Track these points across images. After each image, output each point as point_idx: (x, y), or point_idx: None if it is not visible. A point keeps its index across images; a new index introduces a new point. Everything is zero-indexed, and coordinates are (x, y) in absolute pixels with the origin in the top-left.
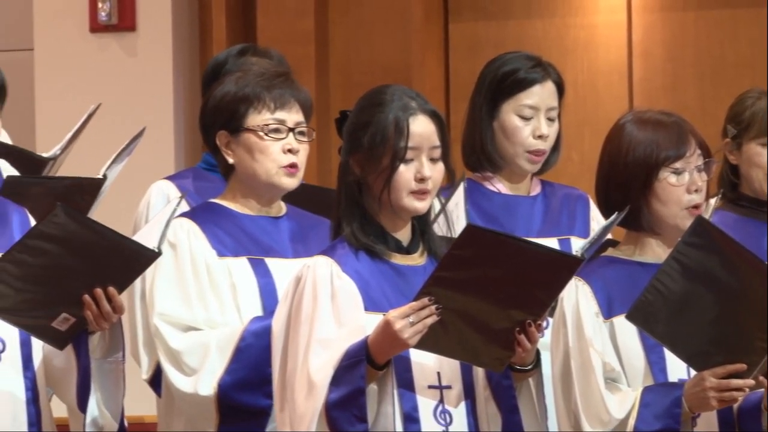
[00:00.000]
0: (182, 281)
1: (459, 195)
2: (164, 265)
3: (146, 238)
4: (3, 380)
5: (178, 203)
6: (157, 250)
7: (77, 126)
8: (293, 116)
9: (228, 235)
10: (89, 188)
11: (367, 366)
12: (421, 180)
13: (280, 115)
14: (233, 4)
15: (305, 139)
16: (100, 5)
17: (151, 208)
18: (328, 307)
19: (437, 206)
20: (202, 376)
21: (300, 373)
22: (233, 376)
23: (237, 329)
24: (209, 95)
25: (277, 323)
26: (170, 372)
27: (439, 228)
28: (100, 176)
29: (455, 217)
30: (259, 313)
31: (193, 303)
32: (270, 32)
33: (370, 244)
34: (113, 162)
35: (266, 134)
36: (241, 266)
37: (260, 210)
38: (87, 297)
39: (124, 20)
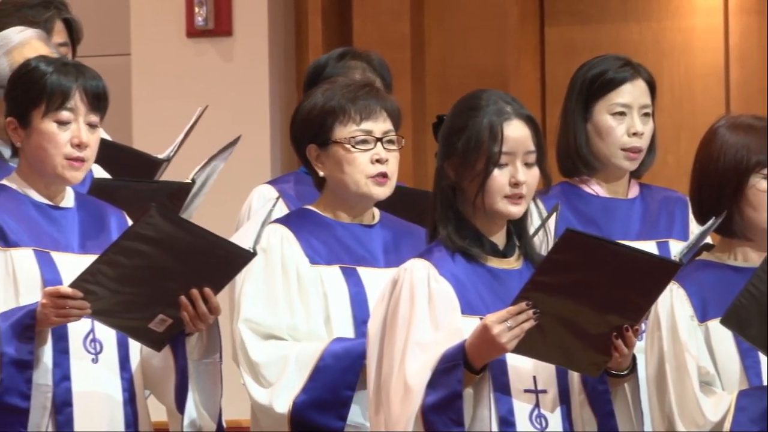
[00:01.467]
0: (271, 287)
1: (551, 224)
2: (254, 270)
3: (242, 238)
4: (100, 381)
5: (274, 204)
6: (252, 251)
7: (187, 127)
8: (380, 125)
9: (321, 243)
10: (177, 192)
11: (464, 370)
12: (516, 185)
13: (366, 125)
14: (329, 8)
15: (394, 147)
16: (196, 10)
17: (252, 213)
18: (425, 311)
19: (533, 210)
20: (278, 391)
21: (396, 376)
22: (309, 395)
23: (318, 348)
24: (297, 108)
25: (373, 326)
26: (248, 382)
27: (537, 236)
28: (188, 180)
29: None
30: (349, 322)
31: (279, 309)
32: (366, 36)
33: (466, 247)
34: (203, 167)
35: (353, 146)
36: (333, 275)
37: (353, 219)
38: (183, 298)
39: (220, 25)
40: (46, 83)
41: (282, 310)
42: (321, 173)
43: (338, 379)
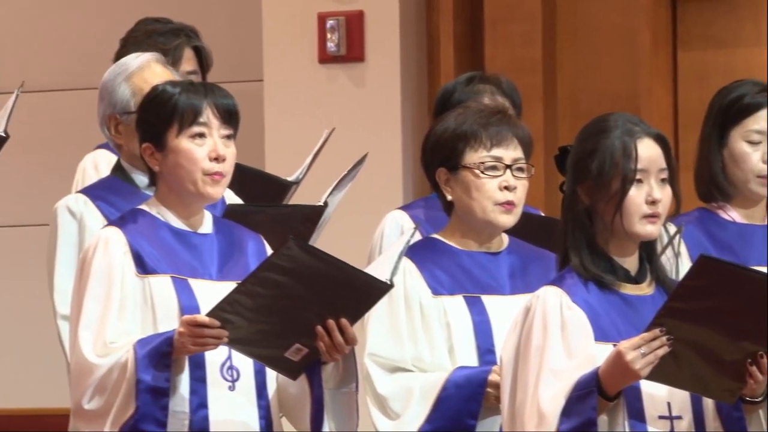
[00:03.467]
0: (395, 320)
1: (677, 244)
2: (379, 304)
3: (378, 269)
4: (236, 409)
5: (412, 235)
6: (389, 282)
7: (315, 150)
8: (510, 153)
9: (445, 272)
10: (310, 215)
11: (598, 397)
12: (652, 203)
13: (496, 152)
14: (461, 34)
15: (524, 175)
16: (328, 36)
17: (385, 239)
18: (558, 338)
19: (663, 235)
20: (404, 423)
21: (530, 403)
22: (433, 426)
23: (441, 377)
24: (429, 132)
25: (506, 354)
26: (375, 415)
27: (667, 260)
28: (320, 203)
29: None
30: (473, 351)
31: (403, 342)
32: (498, 62)
33: (599, 275)
34: (334, 189)
35: (483, 172)
36: (456, 304)
37: (480, 246)
38: (320, 328)
39: (352, 51)
40: (176, 103)
41: (406, 343)
42: (449, 197)
43: (461, 408)
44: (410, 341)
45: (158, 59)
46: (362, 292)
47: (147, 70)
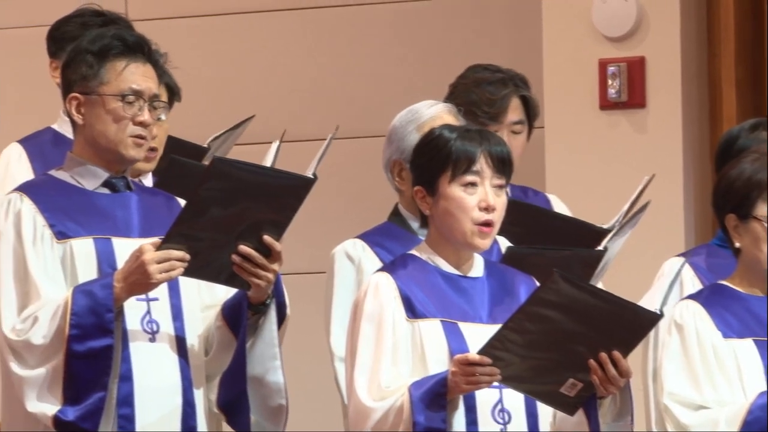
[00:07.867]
0: (690, 362)
1: None
2: (672, 346)
3: (650, 301)
4: None
5: (681, 268)
6: (659, 312)
7: (633, 197)
8: None
9: (734, 317)
10: (589, 260)
11: None
12: None
13: None
14: (743, 79)
15: None
16: (609, 82)
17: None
18: None
19: None
20: None
21: None
22: None
23: (745, 403)
24: (722, 175)
25: None
26: None
27: None
28: (601, 248)
29: None
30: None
31: (701, 384)
32: None
33: None
34: (615, 234)
35: None
36: (747, 349)
37: (762, 291)
38: (592, 362)
39: (633, 97)
40: (451, 149)
41: (705, 387)
42: (737, 244)
43: None
44: (709, 385)
45: (450, 110)
46: (632, 323)
47: (438, 121)
